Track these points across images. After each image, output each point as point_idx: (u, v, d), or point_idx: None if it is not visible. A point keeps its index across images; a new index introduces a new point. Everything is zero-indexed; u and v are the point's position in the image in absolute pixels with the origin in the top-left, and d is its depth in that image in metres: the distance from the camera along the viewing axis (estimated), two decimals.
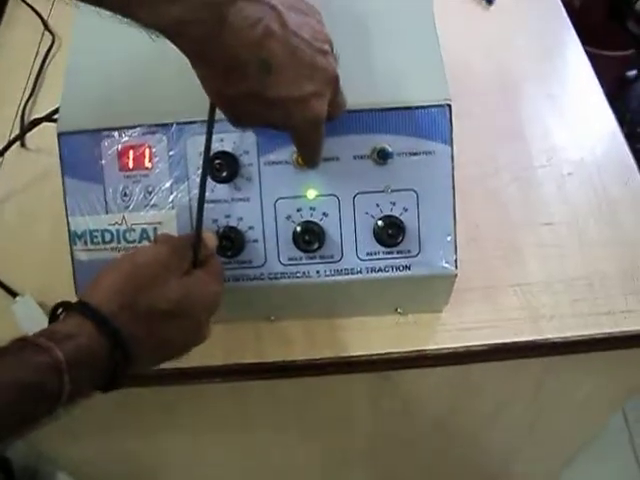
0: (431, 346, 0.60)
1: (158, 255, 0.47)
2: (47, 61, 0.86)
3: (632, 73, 1.28)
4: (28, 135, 0.76)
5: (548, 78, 0.79)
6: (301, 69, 0.42)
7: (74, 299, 0.57)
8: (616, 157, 0.72)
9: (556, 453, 0.93)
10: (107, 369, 0.40)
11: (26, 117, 0.80)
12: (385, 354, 0.60)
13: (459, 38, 0.80)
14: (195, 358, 0.60)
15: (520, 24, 0.86)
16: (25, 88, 0.83)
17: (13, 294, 0.64)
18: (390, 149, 0.52)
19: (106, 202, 0.54)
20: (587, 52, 0.82)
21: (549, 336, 0.60)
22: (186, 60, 0.41)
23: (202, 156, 0.49)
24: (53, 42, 0.87)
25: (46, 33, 0.89)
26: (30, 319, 0.61)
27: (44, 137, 0.75)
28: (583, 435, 0.87)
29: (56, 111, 0.70)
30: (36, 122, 0.71)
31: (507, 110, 0.76)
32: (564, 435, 0.85)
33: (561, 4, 0.88)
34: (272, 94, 0.41)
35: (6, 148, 0.73)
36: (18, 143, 0.75)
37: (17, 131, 0.77)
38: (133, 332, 0.41)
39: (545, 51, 0.82)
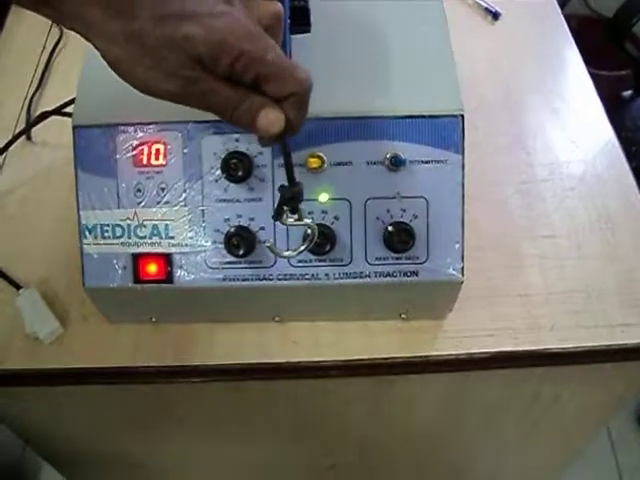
0: (433, 352, 0.61)
1: None
2: (54, 55, 0.86)
3: (628, 93, 1.31)
4: (34, 128, 0.76)
5: (551, 92, 0.81)
6: None
7: (79, 292, 0.58)
8: (616, 173, 0.73)
9: (542, 466, 0.94)
10: None
11: (32, 111, 0.79)
12: (387, 358, 0.60)
13: (465, 52, 0.81)
14: (197, 356, 0.61)
15: (524, 39, 0.87)
16: (31, 82, 0.83)
17: (17, 286, 0.64)
18: (403, 156, 0.53)
19: (118, 197, 0.54)
20: None
21: (549, 346, 0.61)
22: None
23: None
24: (61, 37, 0.87)
25: (54, 27, 0.88)
26: (33, 311, 0.61)
27: (50, 131, 0.75)
28: (572, 448, 0.88)
29: (65, 105, 0.70)
30: (45, 115, 0.71)
31: (511, 123, 0.77)
32: (553, 447, 0.86)
33: (564, 21, 0.90)
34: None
35: (13, 140, 0.73)
36: (24, 136, 0.75)
37: (23, 125, 0.77)
38: None
39: (548, 66, 0.84)
